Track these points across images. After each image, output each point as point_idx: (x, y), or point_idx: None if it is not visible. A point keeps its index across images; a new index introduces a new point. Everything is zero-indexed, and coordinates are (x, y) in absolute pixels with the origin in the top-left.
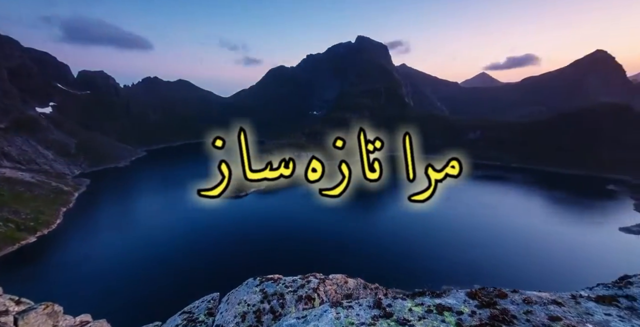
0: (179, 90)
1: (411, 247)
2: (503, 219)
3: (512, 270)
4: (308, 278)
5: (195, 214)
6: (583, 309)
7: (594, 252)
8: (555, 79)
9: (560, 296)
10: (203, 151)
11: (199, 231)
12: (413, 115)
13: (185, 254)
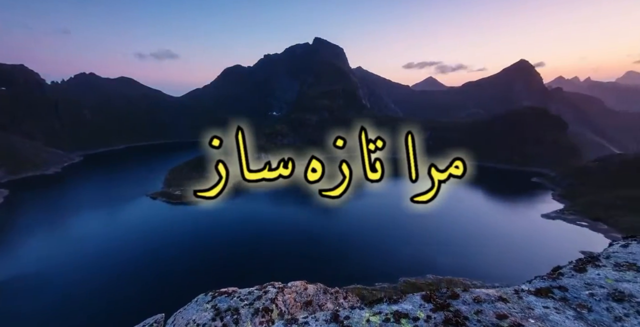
0: (121, 88)
1: (368, 243)
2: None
3: (460, 258)
4: (266, 288)
5: (139, 226)
6: (525, 304)
7: (524, 236)
8: (489, 84)
9: (505, 292)
10: (151, 154)
11: (142, 244)
12: (371, 116)
13: (125, 272)
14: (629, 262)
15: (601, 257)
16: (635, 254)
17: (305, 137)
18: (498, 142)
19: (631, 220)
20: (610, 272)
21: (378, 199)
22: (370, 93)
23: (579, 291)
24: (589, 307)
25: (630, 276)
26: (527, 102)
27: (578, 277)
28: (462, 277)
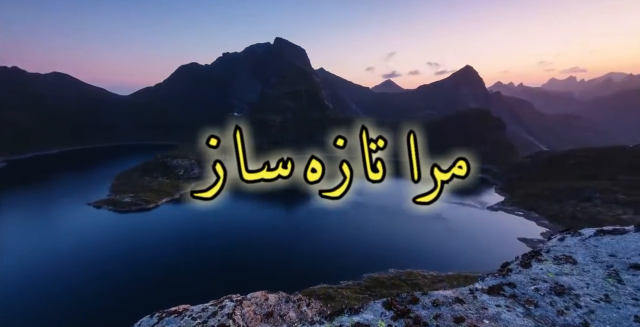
0: (54, 85)
1: (332, 242)
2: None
3: (419, 250)
4: (222, 302)
5: (77, 239)
6: (480, 304)
7: (473, 227)
8: (440, 87)
9: (461, 293)
10: (93, 159)
11: (80, 259)
12: (334, 117)
13: (57, 291)
14: (566, 255)
15: (543, 252)
16: (571, 247)
17: (268, 138)
18: (449, 141)
19: (555, 208)
20: (551, 267)
21: (335, 200)
22: (333, 94)
23: (526, 287)
24: (535, 302)
25: (567, 269)
26: (473, 105)
27: (524, 273)
28: (420, 269)
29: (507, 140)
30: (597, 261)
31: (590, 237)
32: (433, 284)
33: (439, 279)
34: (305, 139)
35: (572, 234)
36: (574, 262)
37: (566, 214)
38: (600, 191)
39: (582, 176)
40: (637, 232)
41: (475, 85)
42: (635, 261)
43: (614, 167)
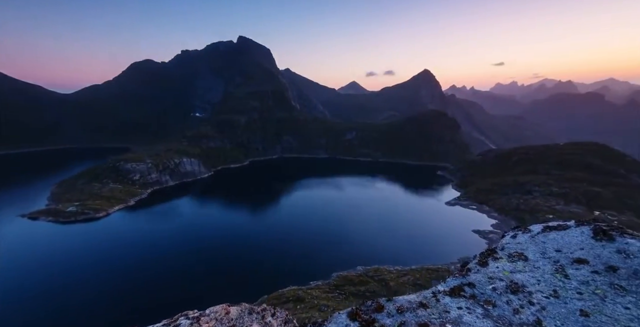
0: None
1: (299, 243)
2: (374, 203)
3: (385, 246)
4: (176, 321)
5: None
6: (442, 307)
7: (433, 221)
8: (402, 89)
9: (424, 296)
10: (27, 165)
11: (9, 280)
12: (300, 118)
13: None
14: (519, 252)
15: (498, 249)
16: (522, 244)
17: (233, 140)
18: (410, 141)
19: (503, 201)
20: (506, 265)
21: (303, 201)
22: (299, 95)
23: (484, 286)
24: (494, 302)
25: (520, 266)
26: (431, 106)
27: (482, 272)
28: (386, 265)
29: (461, 139)
30: (546, 256)
31: (539, 233)
32: (398, 279)
33: (403, 273)
34: (273, 140)
35: (523, 231)
36: (526, 259)
37: (512, 206)
38: (538, 184)
39: (524, 171)
40: (577, 228)
41: (433, 88)
42: (578, 255)
43: (548, 163)
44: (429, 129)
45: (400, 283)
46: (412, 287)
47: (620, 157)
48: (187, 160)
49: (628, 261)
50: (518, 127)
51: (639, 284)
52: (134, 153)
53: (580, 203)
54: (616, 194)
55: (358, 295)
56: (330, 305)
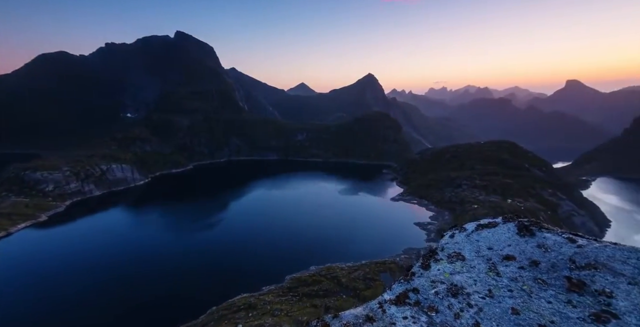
0: None
1: (249, 248)
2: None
3: (336, 244)
4: None
5: None
6: (388, 319)
7: (381, 216)
8: (349, 91)
9: (371, 308)
10: None
11: None
12: (249, 119)
13: None
14: (457, 252)
15: (438, 250)
16: (459, 243)
17: (174, 143)
18: (358, 141)
19: (438, 195)
20: (446, 266)
21: (253, 205)
22: (247, 95)
23: (427, 291)
24: (436, 308)
25: (459, 267)
26: (376, 108)
27: (425, 276)
28: (338, 262)
29: (403, 139)
30: (480, 255)
31: (473, 232)
32: (350, 275)
33: (354, 268)
34: (220, 143)
35: (460, 230)
36: (463, 258)
37: (445, 199)
38: (465, 178)
39: (454, 167)
40: (504, 224)
41: (376, 91)
42: (507, 252)
43: (472, 159)
44: (375, 130)
45: (351, 279)
46: (363, 281)
47: (525, 153)
48: (117, 167)
49: (547, 254)
50: (448, 128)
51: (556, 276)
52: (45, 160)
53: (497, 193)
54: (522, 184)
55: (311, 295)
56: (284, 308)
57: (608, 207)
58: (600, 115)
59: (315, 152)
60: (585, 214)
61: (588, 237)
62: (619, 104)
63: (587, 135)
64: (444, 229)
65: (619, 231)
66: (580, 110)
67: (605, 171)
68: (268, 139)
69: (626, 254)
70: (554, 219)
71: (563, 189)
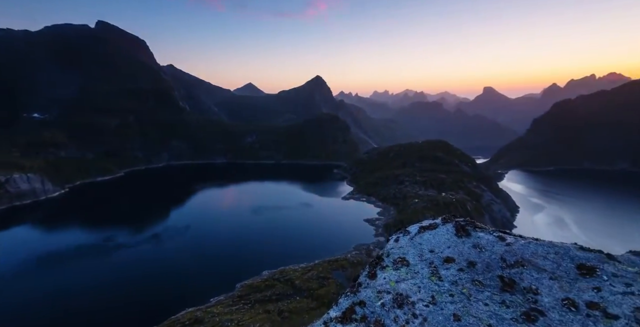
0: None
1: (195, 257)
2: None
3: (289, 245)
4: None
5: None
6: None
7: (333, 215)
8: (298, 93)
9: None
10: None
11: None
12: (191, 120)
13: None
14: (401, 256)
15: (384, 256)
16: (404, 248)
17: (98, 147)
18: (309, 142)
19: (384, 192)
20: (392, 274)
21: (197, 212)
22: (189, 95)
23: (374, 303)
24: (382, 322)
25: (404, 273)
26: (325, 110)
27: (372, 286)
28: (292, 264)
29: (352, 140)
30: (423, 259)
31: (416, 234)
32: (303, 276)
33: (308, 269)
34: (157, 146)
35: (404, 233)
36: (408, 264)
37: (390, 195)
38: (407, 175)
39: (398, 165)
40: (444, 226)
41: (325, 93)
42: (447, 254)
43: (413, 157)
44: (325, 131)
45: (305, 280)
46: (317, 281)
47: (455, 151)
48: (21, 177)
49: (482, 254)
50: (391, 129)
51: (491, 277)
52: None
53: (434, 187)
54: (453, 179)
55: (264, 301)
56: (234, 318)
57: (516, 195)
58: (510, 118)
59: (266, 154)
60: (501, 202)
61: (515, 235)
62: (522, 108)
63: (501, 134)
64: (390, 224)
65: (524, 214)
66: (495, 113)
67: (514, 165)
68: (214, 142)
69: (546, 249)
70: (478, 207)
71: (484, 182)
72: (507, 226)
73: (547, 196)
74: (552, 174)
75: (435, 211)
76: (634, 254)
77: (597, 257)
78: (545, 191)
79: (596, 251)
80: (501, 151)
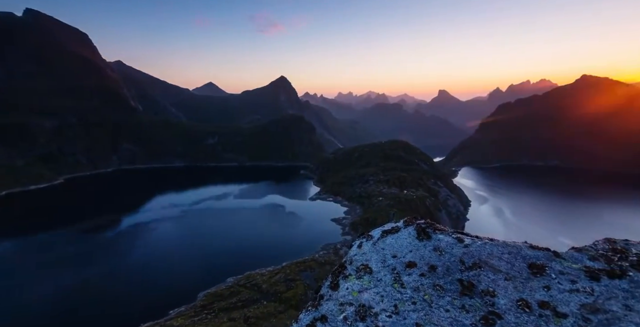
0: None
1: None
2: (243, 205)
3: (256, 248)
4: None
5: None
6: None
7: (301, 216)
8: (262, 93)
9: None
10: None
11: None
12: (145, 121)
13: None
14: (364, 263)
15: (347, 264)
16: (367, 254)
17: (31, 151)
18: (275, 143)
19: (350, 191)
20: (355, 283)
21: (154, 220)
22: (141, 94)
23: (336, 317)
24: None
25: (366, 282)
26: (290, 111)
27: (334, 298)
28: (258, 268)
29: (317, 140)
30: (386, 265)
31: (379, 239)
32: (271, 279)
33: (275, 272)
34: (105, 149)
35: (367, 239)
36: (371, 271)
37: (356, 194)
38: (372, 174)
39: (363, 165)
40: (405, 229)
41: (290, 94)
42: (409, 258)
43: (377, 157)
44: (291, 132)
45: (272, 283)
46: (284, 284)
47: (414, 150)
48: None
49: (442, 257)
50: (355, 129)
51: (451, 280)
52: None
53: (396, 186)
54: (414, 177)
55: (229, 309)
56: None
57: (468, 190)
58: (461, 119)
59: (229, 156)
60: (455, 197)
61: (472, 236)
62: (472, 110)
63: (455, 134)
64: (357, 223)
65: (474, 207)
66: (449, 115)
67: (466, 163)
68: (172, 144)
69: (500, 249)
70: (436, 203)
71: (441, 179)
72: (462, 219)
73: (491, 189)
74: (497, 170)
75: (398, 208)
76: (576, 250)
77: (546, 256)
78: (490, 186)
79: (544, 249)
80: (455, 150)
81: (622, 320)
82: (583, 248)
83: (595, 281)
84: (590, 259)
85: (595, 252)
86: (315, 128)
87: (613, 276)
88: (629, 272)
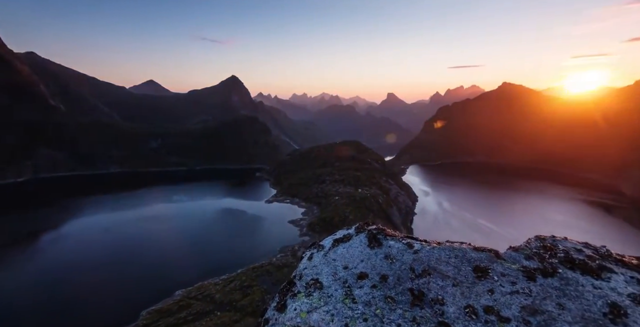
0: None
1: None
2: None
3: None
4: None
5: None
6: None
7: (256, 220)
8: (212, 93)
9: None
10: None
11: None
12: (70, 122)
13: None
14: (314, 278)
15: (296, 279)
16: (317, 267)
17: None
18: (228, 145)
19: (307, 192)
20: (304, 302)
21: (82, 236)
22: (64, 91)
23: None
24: None
25: (316, 299)
26: (244, 111)
27: (280, 322)
28: (211, 278)
29: (273, 142)
30: (337, 278)
31: (330, 249)
32: (225, 288)
33: (230, 280)
34: (15, 154)
35: (318, 249)
36: (321, 286)
37: (313, 194)
38: (328, 174)
39: (319, 165)
40: (357, 236)
41: (243, 94)
42: (360, 269)
43: (332, 157)
44: (245, 134)
45: (227, 292)
46: (240, 291)
47: (366, 150)
48: None
49: (393, 266)
50: (311, 130)
51: (402, 290)
52: None
53: (351, 185)
54: (367, 175)
55: (177, 325)
56: None
57: (415, 186)
58: (409, 120)
59: (176, 160)
60: (405, 193)
61: (421, 240)
62: (417, 112)
63: (403, 135)
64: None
65: (420, 201)
66: (397, 116)
67: (414, 161)
68: (106, 148)
69: (447, 253)
70: (388, 200)
71: (392, 177)
72: (410, 214)
73: (433, 185)
74: (439, 167)
75: (353, 207)
76: (513, 250)
77: (488, 257)
78: (432, 181)
79: (487, 249)
80: (403, 149)
81: (557, 320)
82: (519, 247)
83: (532, 281)
84: (526, 259)
85: (530, 251)
86: (270, 129)
87: (546, 274)
88: (558, 269)
